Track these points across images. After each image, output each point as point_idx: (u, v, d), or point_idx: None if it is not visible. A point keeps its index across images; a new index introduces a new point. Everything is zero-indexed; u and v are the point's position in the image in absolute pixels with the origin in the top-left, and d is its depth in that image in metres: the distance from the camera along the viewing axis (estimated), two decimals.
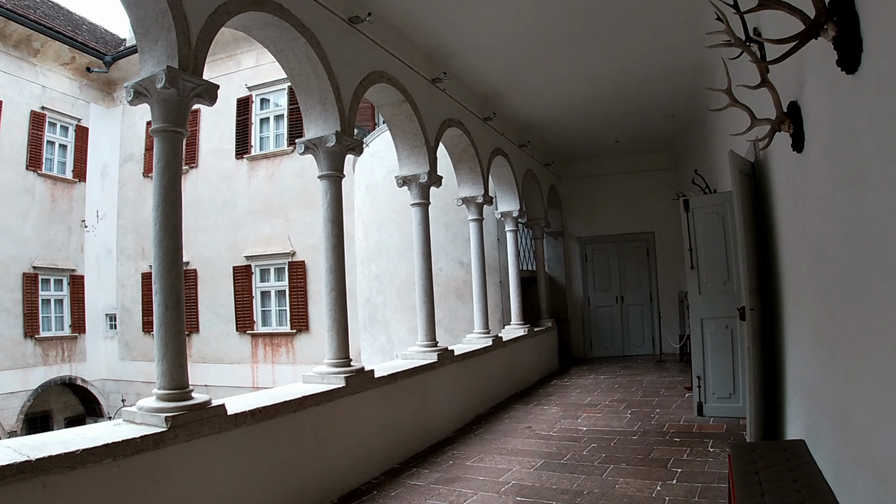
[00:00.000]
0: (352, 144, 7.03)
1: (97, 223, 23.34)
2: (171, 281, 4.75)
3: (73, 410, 22.88)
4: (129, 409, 4.69)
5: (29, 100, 21.42)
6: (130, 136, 23.38)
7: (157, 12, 4.87)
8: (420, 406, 8.14)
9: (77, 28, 24.12)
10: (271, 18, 6.12)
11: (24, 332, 20.72)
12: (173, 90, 4.78)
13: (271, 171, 19.74)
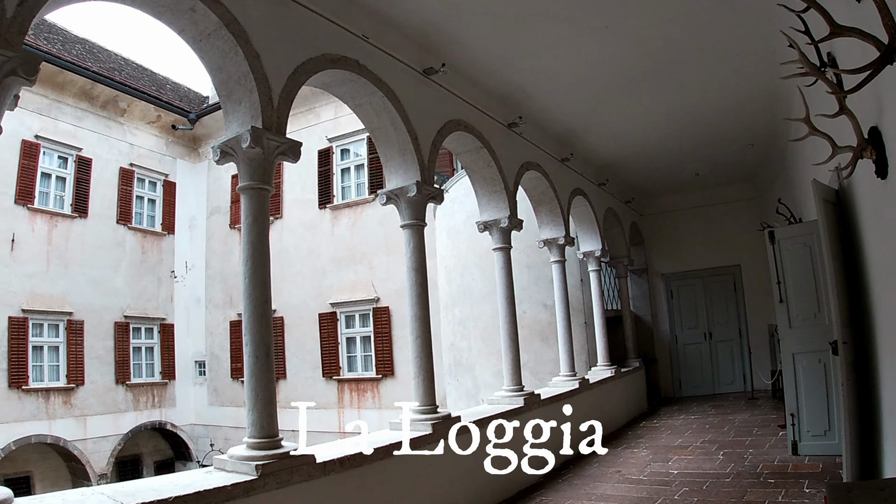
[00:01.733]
0: (432, 193, 7.12)
1: (186, 273, 24.14)
2: (261, 332, 4.86)
3: (163, 454, 23.44)
4: (220, 456, 4.78)
5: (118, 157, 22.53)
6: (216, 189, 24.25)
7: (240, 75, 5.07)
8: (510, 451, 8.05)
9: (161, 87, 25.33)
10: (349, 75, 6.28)
11: (115, 378, 21.44)
12: (258, 149, 4.94)
13: (354, 219, 20.06)
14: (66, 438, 19.48)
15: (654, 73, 8.92)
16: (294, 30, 5.64)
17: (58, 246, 20.32)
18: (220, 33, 4.98)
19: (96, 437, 20.36)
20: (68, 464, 20.13)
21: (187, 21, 4.97)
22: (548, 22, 7.24)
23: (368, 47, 6.56)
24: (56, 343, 20.04)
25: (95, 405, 20.55)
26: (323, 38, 5.98)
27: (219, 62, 5.13)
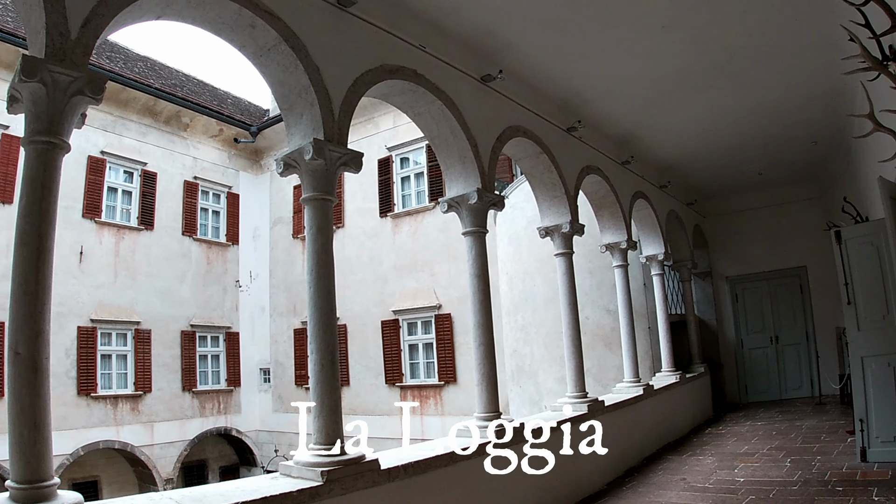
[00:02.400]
0: (493, 200, 7.13)
1: (250, 283, 24.61)
2: (327, 340, 4.93)
3: (228, 460, 23.90)
4: (286, 462, 4.87)
5: (182, 171, 23.20)
6: (279, 200, 24.73)
7: (300, 88, 5.16)
8: (570, 458, 7.99)
9: (222, 102, 25.95)
10: (407, 85, 6.34)
11: (182, 385, 21.97)
12: (321, 161, 5.03)
13: (414, 227, 20.18)
14: (134, 444, 19.98)
15: (713, 72, 8.80)
16: (352, 42, 5.72)
17: (125, 258, 20.90)
18: (279, 48, 5.08)
19: (163, 443, 20.86)
20: (135, 469, 20.66)
21: (247, 37, 5.07)
22: (603, 25, 7.21)
23: (426, 56, 6.61)
24: (124, 351, 20.57)
25: (162, 412, 21.05)
26: (381, 48, 6.05)
27: (279, 76, 5.23)
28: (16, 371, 3.43)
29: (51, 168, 3.64)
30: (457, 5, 6.46)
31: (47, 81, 3.62)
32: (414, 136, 19.85)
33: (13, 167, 18.28)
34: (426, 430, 18.79)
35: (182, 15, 4.84)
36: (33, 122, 3.69)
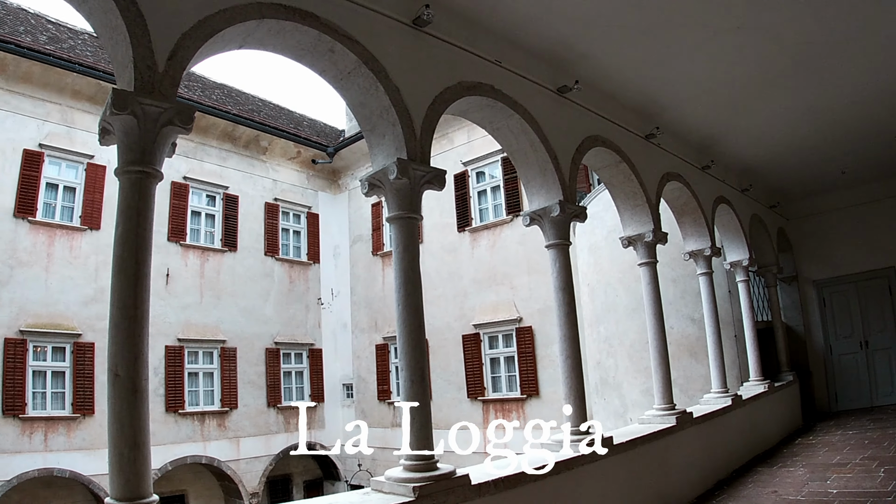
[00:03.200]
0: (575, 212, 7.10)
1: (332, 300, 25.01)
2: (416, 357, 4.98)
3: (312, 474, 24.30)
4: (377, 478, 4.91)
5: (262, 193, 23.92)
6: (357, 218, 25.12)
7: (381, 109, 5.25)
8: (659, 472, 7.86)
9: (298, 125, 26.65)
10: (485, 100, 6.38)
11: (267, 402, 22.47)
12: (405, 180, 5.11)
13: (493, 240, 20.16)
14: (220, 459, 20.50)
15: (792, 70, 8.58)
16: (429, 61, 5.79)
17: (210, 279, 21.54)
18: (359, 71, 5.18)
19: (248, 458, 21.34)
20: (222, 483, 21.18)
21: (327, 62, 5.18)
22: (677, 28, 7.13)
23: (502, 71, 6.64)
24: (210, 369, 21.16)
25: (248, 427, 21.56)
26: (457, 66, 6.11)
27: (360, 98, 5.33)
28: (116, 392, 3.56)
29: (145, 196, 3.78)
30: (531, 18, 6.46)
31: (138, 113, 3.76)
32: (488, 150, 19.94)
33: (99, 195, 19.27)
34: (509, 443, 18.68)
35: (263, 43, 4.98)
36: (126, 152, 3.83)
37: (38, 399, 17.68)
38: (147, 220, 3.78)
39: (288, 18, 4.77)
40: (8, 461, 16.55)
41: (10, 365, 17.07)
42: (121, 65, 4.11)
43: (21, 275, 17.76)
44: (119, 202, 3.80)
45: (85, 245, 19.03)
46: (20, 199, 18.05)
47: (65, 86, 19.08)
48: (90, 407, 18.19)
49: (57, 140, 18.98)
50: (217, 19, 4.37)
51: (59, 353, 18.20)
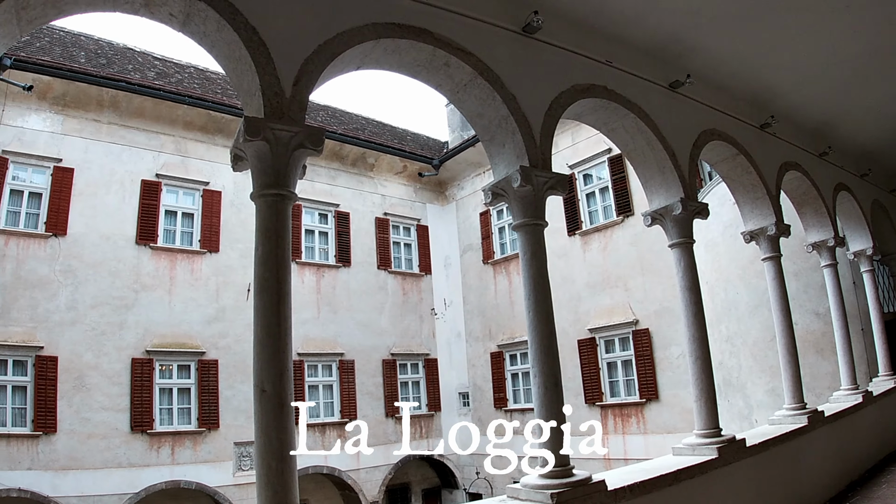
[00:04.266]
0: (697, 208, 6.96)
1: (445, 310, 25.22)
2: (549, 363, 4.98)
3: (430, 483, 24.53)
4: (513, 485, 4.87)
5: (372, 208, 24.48)
6: (466, 228, 25.33)
7: (500, 118, 5.30)
8: (790, 475, 7.59)
9: (402, 140, 27.21)
10: (599, 102, 6.35)
11: (385, 412, 22.83)
12: (528, 187, 5.13)
13: (604, 242, 19.94)
14: (341, 468, 20.92)
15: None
16: (541, 66, 5.80)
17: (326, 294, 22.09)
18: (475, 82, 5.23)
19: (369, 467, 21.71)
20: (342, 492, 21.61)
21: (443, 76, 5.25)
22: (784, 14, 6.90)
23: (613, 71, 6.59)
24: (330, 382, 21.69)
25: (368, 437, 21.78)
26: (569, 70, 6.10)
27: (478, 109, 5.38)
28: (262, 407, 3.69)
29: (281, 218, 3.91)
30: (638, 15, 6.41)
31: (270, 139, 3.90)
32: (594, 151, 19.79)
33: (216, 219, 20.24)
34: (629, 449, 18.42)
35: (380, 63, 5.08)
36: (261, 176, 3.97)
37: (164, 415, 18.59)
38: (285, 240, 3.91)
39: (403, 36, 4.87)
40: (137, 474, 17.49)
41: (137, 383, 18.05)
42: (247, 93, 4.27)
43: (146, 298, 18.76)
44: (257, 224, 3.95)
45: (205, 267, 19.92)
46: (141, 227, 19.12)
47: (176, 118, 20.17)
48: (215, 421, 18.95)
49: (172, 169, 20.03)
50: (336, 43, 4.50)
51: (184, 371, 19.05)
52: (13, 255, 17.31)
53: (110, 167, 19.04)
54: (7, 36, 4.06)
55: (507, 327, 22.66)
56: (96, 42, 21.72)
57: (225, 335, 19.56)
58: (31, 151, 17.93)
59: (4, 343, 16.59)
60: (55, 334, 17.30)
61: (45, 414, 16.71)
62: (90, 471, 16.94)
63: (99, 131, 19.05)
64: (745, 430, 8.83)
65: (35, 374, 16.85)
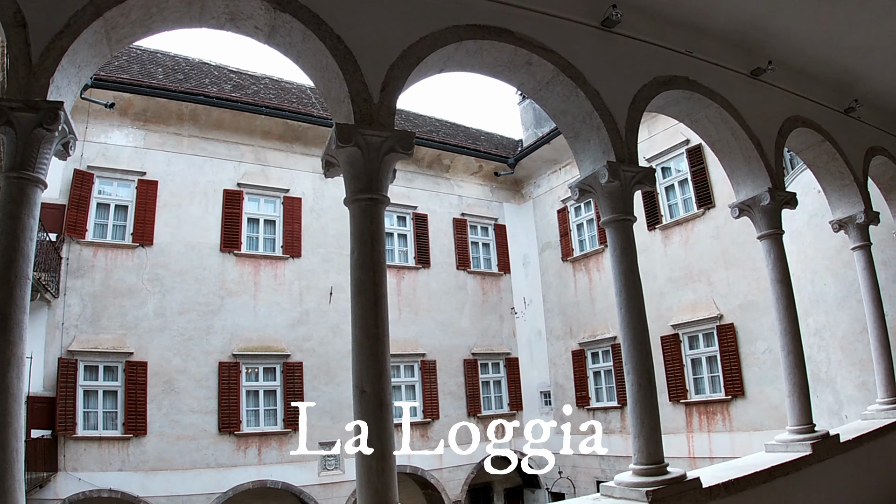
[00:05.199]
0: (785, 198, 6.86)
1: (525, 309, 25.11)
2: (642, 360, 4.96)
3: (512, 482, 24.31)
4: (608, 483, 4.88)
5: (449, 209, 24.52)
6: (544, 225, 25.18)
7: (584, 115, 5.29)
8: (886, 471, 7.34)
9: (476, 140, 27.13)
10: (681, 93, 6.28)
11: (467, 412, 22.80)
12: (616, 182, 5.11)
13: (685, 236, 19.57)
14: (424, 468, 21.05)
15: None
16: (622, 60, 5.78)
17: (406, 295, 22.30)
18: (557, 79, 5.24)
19: (452, 467, 21.76)
20: (425, 492, 21.74)
21: (525, 75, 5.27)
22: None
23: (694, 61, 6.52)
24: (412, 382, 21.92)
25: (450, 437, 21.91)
26: (649, 62, 6.06)
27: (561, 106, 5.38)
28: (363, 407, 3.79)
29: (376, 221, 4.00)
30: (716, 3, 6.33)
31: (361, 144, 3.99)
32: (671, 143, 19.42)
33: (297, 225, 20.70)
34: (714, 447, 18.06)
35: (462, 64, 5.13)
36: (353, 182, 4.07)
37: (251, 416, 19.08)
38: (380, 243, 4.00)
39: (484, 37, 4.91)
40: (224, 475, 18.06)
41: (224, 386, 18.61)
42: (336, 101, 4.36)
43: (231, 303, 19.32)
44: (352, 229, 4.04)
45: (288, 272, 20.34)
46: (225, 235, 19.70)
47: (254, 128, 20.72)
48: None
49: (253, 178, 20.56)
50: (420, 47, 4.57)
51: (269, 374, 19.52)
52: (102, 265, 18.03)
53: (193, 178, 19.68)
54: (98, 56, 4.22)
55: (587, 325, 22.44)
56: (172, 58, 22.39)
57: (308, 338, 19.96)
58: (116, 166, 18.65)
59: (96, 350, 17.34)
60: (144, 340, 17.99)
61: (136, 417, 17.42)
62: (179, 471, 17.60)
63: (180, 144, 19.73)
64: (835, 426, 8.58)
65: (125, 378, 17.58)
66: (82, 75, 4.17)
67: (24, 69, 3.71)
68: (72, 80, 4.03)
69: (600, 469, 21.06)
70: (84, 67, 4.14)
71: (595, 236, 22.44)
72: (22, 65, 3.71)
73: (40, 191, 3.70)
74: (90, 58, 4.13)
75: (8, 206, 3.54)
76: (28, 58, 3.72)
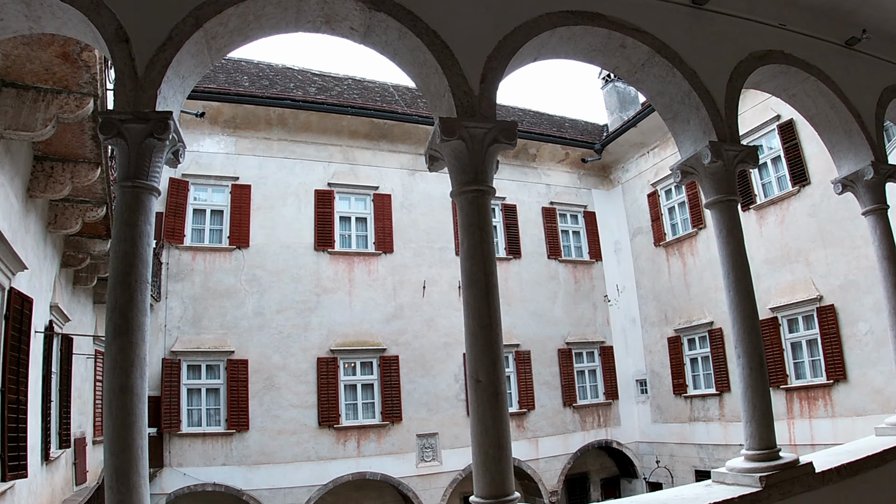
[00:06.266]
0: (890, 171, 6.65)
1: (618, 296, 24.75)
2: (753, 343, 4.95)
3: (609, 472, 24.23)
4: (719, 469, 4.85)
5: (538, 199, 24.39)
6: (634, 210, 24.73)
7: (682, 95, 5.23)
8: None
9: (561, 127, 26.90)
10: (777, 68, 6.15)
11: (563, 401, 22.70)
12: (719, 162, 5.05)
13: (780, 216, 18.97)
14: (520, 458, 20.95)
15: None
16: (716, 38, 5.69)
17: (500, 286, 22.07)
18: (653, 61, 5.19)
19: (547, 457, 21.76)
20: (522, 482, 21.59)
21: (619, 58, 5.24)
22: None
23: (787, 34, 6.36)
24: (507, 373, 21.65)
25: (545, 427, 22.02)
26: (743, 38, 5.95)
27: (658, 87, 5.33)
28: (478, 397, 3.82)
29: (483, 212, 4.05)
30: None
31: (465, 137, 4.04)
32: (761, 120, 18.88)
33: (388, 222, 21.11)
34: (816, 433, 17.52)
35: (556, 51, 5.13)
36: (459, 174, 4.12)
37: (349, 410, 19.58)
38: (488, 233, 4.04)
39: (577, 23, 4.91)
40: (325, 467, 18.63)
41: (323, 381, 19.14)
42: (435, 95, 4.43)
43: (327, 300, 19.84)
44: (460, 221, 4.10)
45: (381, 268, 20.71)
46: (318, 234, 20.24)
47: (341, 128, 21.15)
48: (398, 415, 19.73)
49: (343, 177, 21.01)
50: (515, 36, 4.61)
51: (366, 368, 19.94)
52: (201, 268, 18.77)
53: (284, 180, 20.26)
54: (201, 65, 4.38)
55: (683, 311, 21.98)
56: (256, 65, 23.00)
57: (404, 332, 20.29)
58: (209, 172, 19.44)
59: (198, 350, 18.16)
60: (244, 339, 18.66)
61: (238, 413, 18.13)
62: (280, 465, 18.22)
63: (270, 148, 20.34)
64: None
65: (227, 376, 18.32)
66: (186, 85, 4.33)
67: (130, 82, 3.88)
68: (177, 90, 4.20)
69: (699, 458, 20.70)
70: (188, 77, 4.31)
71: (687, 220, 21.92)
72: (128, 78, 3.88)
73: (154, 198, 3.88)
74: (193, 67, 4.29)
75: (125, 213, 3.72)
76: (133, 71, 3.89)
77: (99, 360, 15.68)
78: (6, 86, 7.22)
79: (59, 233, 10.76)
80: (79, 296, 14.30)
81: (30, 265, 8.73)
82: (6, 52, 6.55)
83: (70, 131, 8.19)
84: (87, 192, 10.01)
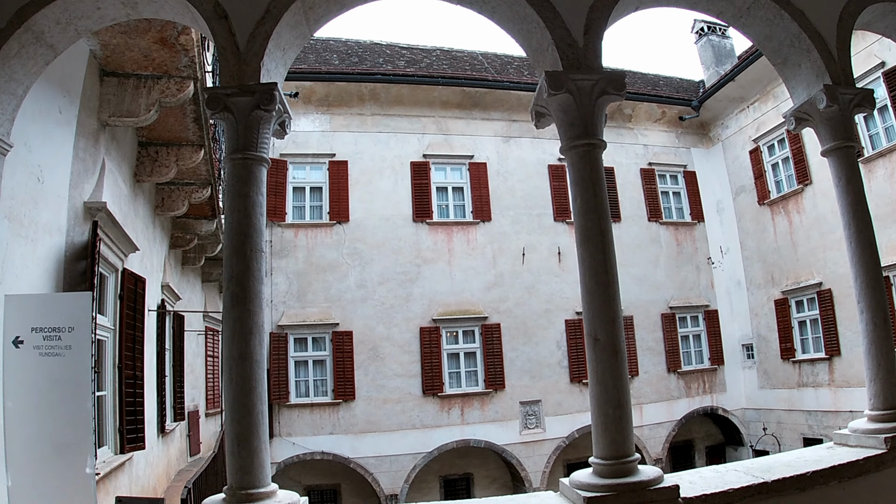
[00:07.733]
0: None
1: (722, 258, 24.03)
2: (876, 297, 4.68)
3: (714, 439, 23.80)
4: (841, 431, 4.69)
5: (636, 160, 23.88)
6: (736, 168, 23.79)
7: (791, 38, 5.00)
8: None
9: (655, 85, 26.19)
10: (888, 6, 5.79)
11: (667, 367, 22.37)
12: (835, 107, 4.82)
13: (890, 168, 17.78)
14: None
15: None
16: None
17: None
18: (759, 3, 4.96)
19: (651, 424, 21.56)
20: None
21: (724, 3, 5.04)
22: None
23: None
24: None
25: (650, 394, 21.79)
26: None
27: (765, 31, 5.12)
28: (597, 356, 3.76)
29: (595, 166, 3.97)
30: None
31: (573, 90, 3.96)
32: (865, 68, 17.68)
33: (485, 190, 21.30)
34: None
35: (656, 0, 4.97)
36: (568, 129, 4.05)
37: (453, 378, 19.92)
38: (601, 188, 3.95)
39: None
40: (429, 435, 19.11)
41: (426, 350, 19.56)
42: (537, 50, 4.36)
43: (427, 271, 20.20)
44: (571, 177, 4.04)
45: (479, 237, 20.85)
46: (416, 206, 20.57)
47: (433, 99, 21.30)
48: (500, 382, 19.97)
49: (437, 148, 21.22)
50: None
51: (468, 336, 20.23)
52: (303, 244, 19.32)
53: (380, 154, 20.61)
54: (300, 37, 4.42)
55: (790, 272, 21.09)
56: (345, 43, 23.39)
57: (504, 300, 20.39)
58: (306, 151, 20.04)
59: (304, 323, 18.83)
60: (348, 311, 19.22)
61: (344, 384, 18.75)
62: (386, 433, 18.80)
63: (364, 123, 20.70)
64: None
65: (333, 348, 18.94)
66: (287, 57, 4.38)
67: (233, 57, 3.96)
68: (278, 62, 4.26)
69: (807, 425, 20.08)
70: (288, 49, 4.34)
71: (792, 176, 20.84)
72: (230, 53, 3.97)
73: (265, 168, 3.95)
74: (293, 39, 4.32)
75: (237, 185, 3.82)
76: (235, 46, 3.97)
77: (209, 336, 16.25)
78: (107, 75, 7.48)
79: (167, 215, 11.19)
80: (188, 275, 14.85)
81: (140, 247, 9.09)
82: (105, 41, 6.77)
83: (172, 115, 8.44)
84: (191, 174, 10.32)
